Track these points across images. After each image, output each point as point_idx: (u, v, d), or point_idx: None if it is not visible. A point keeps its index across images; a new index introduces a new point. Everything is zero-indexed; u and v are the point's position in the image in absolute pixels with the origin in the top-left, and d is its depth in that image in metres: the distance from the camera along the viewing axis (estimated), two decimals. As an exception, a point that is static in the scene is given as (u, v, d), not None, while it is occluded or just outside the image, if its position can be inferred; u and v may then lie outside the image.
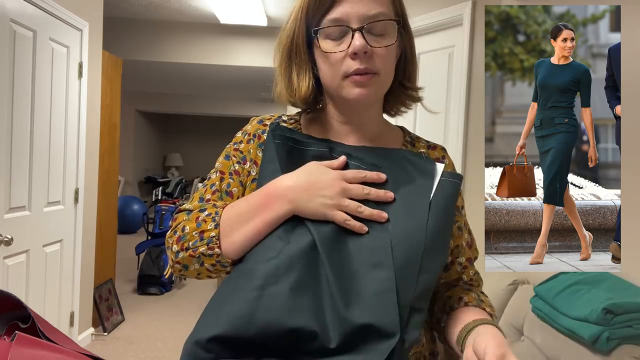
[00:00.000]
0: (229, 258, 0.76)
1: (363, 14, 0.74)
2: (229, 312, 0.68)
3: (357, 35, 0.74)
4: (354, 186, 0.73)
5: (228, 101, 8.96)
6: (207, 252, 0.76)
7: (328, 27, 0.76)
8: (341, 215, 0.71)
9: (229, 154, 0.87)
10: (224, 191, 0.84)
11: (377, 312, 0.65)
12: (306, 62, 0.81)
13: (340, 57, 0.76)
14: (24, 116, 2.50)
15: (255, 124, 0.88)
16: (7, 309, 0.55)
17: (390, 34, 0.77)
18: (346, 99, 0.78)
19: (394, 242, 0.70)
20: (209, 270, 0.79)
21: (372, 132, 0.85)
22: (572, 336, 1.54)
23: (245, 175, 0.85)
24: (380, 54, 0.76)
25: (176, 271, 0.81)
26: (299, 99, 0.82)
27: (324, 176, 0.73)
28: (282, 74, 0.83)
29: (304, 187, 0.72)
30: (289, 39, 0.81)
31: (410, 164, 0.79)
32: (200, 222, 0.78)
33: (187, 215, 0.81)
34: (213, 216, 0.77)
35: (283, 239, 0.71)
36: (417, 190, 0.75)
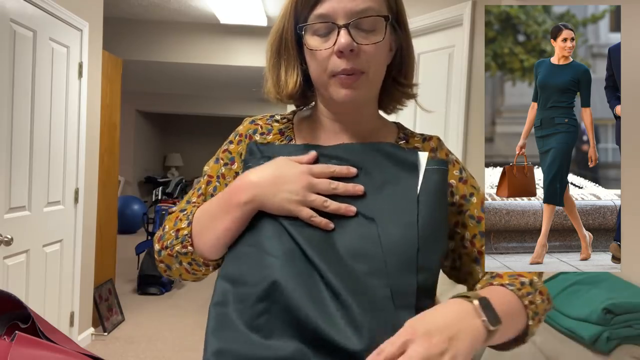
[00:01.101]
0: (204, 257, 0.76)
1: (350, 9, 0.71)
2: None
3: (342, 32, 0.71)
4: (320, 180, 0.71)
5: (228, 101, 8.96)
6: (182, 251, 0.76)
7: (314, 23, 0.73)
8: (306, 211, 0.69)
9: (218, 157, 0.87)
10: (209, 194, 0.84)
11: (375, 337, 0.62)
12: (295, 58, 0.79)
13: (326, 54, 0.73)
14: (24, 116, 2.50)
15: (247, 124, 0.88)
16: (7, 309, 0.55)
17: (379, 30, 0.73)
18: (334, 99, 0.76)
19: (385, 246, 0.68)
20: (187, 271, 0.80)
21: (364, 130, 0.82)
22: (572, 336, 1.54)
23: (232, 177, 0.84)
24: (368, 52, 0.72)
25: (162, 271, 0.82)
26: (286, 95, 0.80)
27: (290, 170, 0.71)
28: (270, 70, 0.82)
29: (269, 182, 0.70)
30: (277, 34, 0.79)
31: (390, 157, 0.75)
32: (177, 221, 0.79)
33: (170, 217, 0.82)
34: (187, 214, 0.78)
35: (272, 254, 0.69)
36: (402, 185, 0.72)
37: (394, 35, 0.79)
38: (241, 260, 0.72)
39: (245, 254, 0.72)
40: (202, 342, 0.70)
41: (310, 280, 0.66)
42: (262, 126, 0.86)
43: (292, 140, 0.84)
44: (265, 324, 0.66)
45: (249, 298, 0.68)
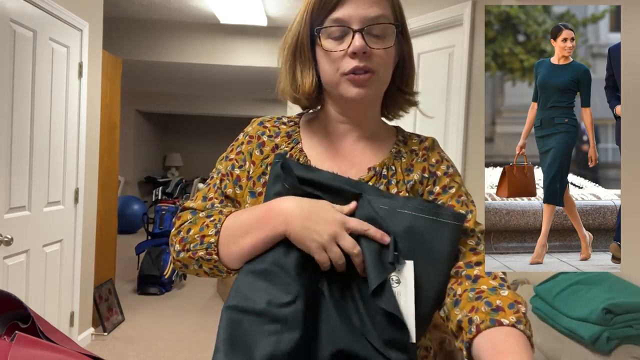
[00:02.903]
0: (226, 266, 0.78)
1: (364, 16, 0.77)
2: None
3: (357, 36, 0.77)
4: (348, 238, 0.72)
5: (228, 101, 8.96)
6: (205, 257, 0.78)
7: (330, 26, 0.79)
8: (324, 256, 0.71)
9: (229, 156, 0.89)
10: (222, 192, 0.87)
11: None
12: (309, 60, 0.83)
13: (339, 55, 0.79)
14: (24, 116, 2.50)
15: (255, 125, 0.91)
16: (7, 309, 0.55)
17: (389, 37, 0.80)
18: (344, 97, 0.81)
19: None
20: (206, 273, 0.82)
21: (367, 132, 0.87)
22: (572, 336, 1.54)
23: (245, 178, 0.86)
24: (379, 55, 0.79)
25: (177, 267, 0.85)
26: (303, 94, 0.84)
27: (327, 214, 0.73)
28: (286, 71, 0.86)
29: (303, 215, 0.72)
30: (294, 38, 0.84)
31: (423, 232, 0.75)
32: (203, 227, 0.80)
33: (192, 215, 0.84)
34: (216, 223, 0.79)
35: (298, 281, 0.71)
36: (432, 258, 0.74)
37: (398, 46, 0.84)
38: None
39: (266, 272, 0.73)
40: (202, 342, 0.69)
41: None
42: (270, 128, 0.90)
43: (299, 143, 0.87)
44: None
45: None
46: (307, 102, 0.88)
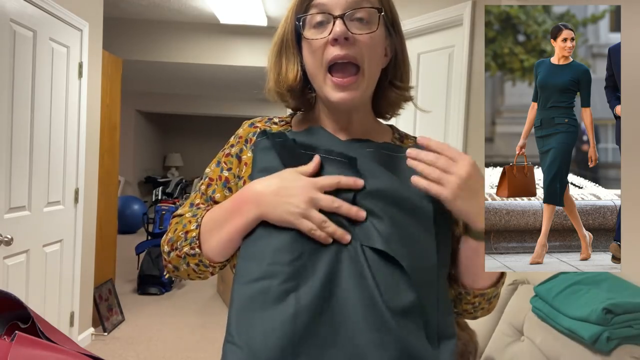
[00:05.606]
0: (209, 260, 0.79)
1: (345, 0, 0.76)
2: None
3: (338, 21, 0.75)
4: (324, 197, 0.70)
5: (228, 101, 8.95)
6: (190, 252, 0.79)
7: (311, 14, 0.78)
8: (307, 224, 0.69)
9: (219, 160, 0.88)
10: (208, 197, 0.86)
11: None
12: (294, 55, 0.82)
13: (321, 43, 0.77)
14: (24, 116, 2.50)
15: (246, 127, 0.89)
16: (7, 309, 0.55)
17: (373, 22, 0.77)
18: (330, 101, 0.79)
19: (407, 270, 0.68)
20: (195, 271, 0.82)
21: (360, 129, 0.85)
22: (572, 336, 1.54)
23: (235, 181, 0.85)
24: (362, 41, 0.76)
25: (170, 272, 0.85)
26: (286, 86, 0.82)
27: (295, 183, 0.71)
28: (272, 68, 0.85)
29: (273, 193, 0.71)
30: (279, 37, 0.84)
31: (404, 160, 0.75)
32: (187, 224, 0.81)
33: (180, 219, 0.84)
34: (197, 217, 0.81)
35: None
36: (415, 192, 0.72)
37: (389, 41, 0.83)
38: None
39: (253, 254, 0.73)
40: (202, 342, 0.69)
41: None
42: (261, 129, 0.88)
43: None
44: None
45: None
46: (292, 99, 0.85)
